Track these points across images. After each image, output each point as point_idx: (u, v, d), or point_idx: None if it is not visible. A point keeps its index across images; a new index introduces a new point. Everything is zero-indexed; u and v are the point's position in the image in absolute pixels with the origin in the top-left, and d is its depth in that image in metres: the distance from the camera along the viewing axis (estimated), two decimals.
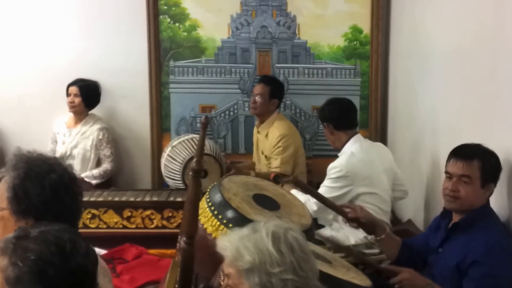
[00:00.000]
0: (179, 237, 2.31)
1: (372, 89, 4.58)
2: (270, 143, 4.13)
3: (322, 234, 3.26)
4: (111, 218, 3.63)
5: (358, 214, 2.65)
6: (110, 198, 3.73)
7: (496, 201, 2.45)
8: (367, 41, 4.58)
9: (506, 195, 2.46)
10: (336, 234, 3.26)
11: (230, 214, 2.17)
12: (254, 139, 4.38)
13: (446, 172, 2.44)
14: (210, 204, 2.24)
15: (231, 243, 1.59)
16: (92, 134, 4.38)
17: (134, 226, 3.64)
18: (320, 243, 3.09)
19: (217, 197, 2.24)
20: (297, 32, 4.62)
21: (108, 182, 4.44)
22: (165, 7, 4.56)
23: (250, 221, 1.98)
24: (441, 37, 3.33)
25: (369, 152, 3.37)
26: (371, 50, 4.56)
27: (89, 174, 4.32)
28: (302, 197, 3.13)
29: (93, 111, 4.49)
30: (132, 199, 3.72)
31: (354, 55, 4.62)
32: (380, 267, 2.45)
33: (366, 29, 4.56)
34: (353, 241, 3.20)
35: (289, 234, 1.59)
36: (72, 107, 4.37)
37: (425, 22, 3.65)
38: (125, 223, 3.64)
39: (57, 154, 4.29)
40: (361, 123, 4.30)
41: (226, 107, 4.67)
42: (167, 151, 4.20)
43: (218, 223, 2.18)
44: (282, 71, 4.64)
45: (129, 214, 3.63)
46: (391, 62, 4.53)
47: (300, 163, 4.20)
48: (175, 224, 3.58)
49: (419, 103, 3.75)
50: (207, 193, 2.33)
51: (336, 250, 2.83)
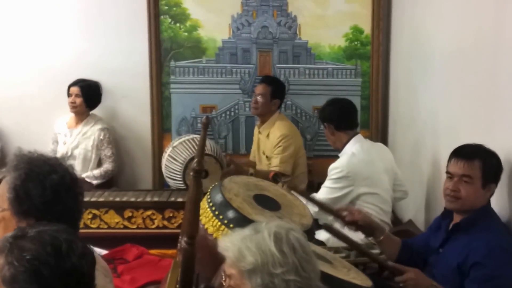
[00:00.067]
0: (180, 237, 2.30)
1: (373, 90, 4.58)
2: (271, 143, 4.13)
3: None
4: (112, 218, 3.63)
5: (355, 217, 2.64)
6: (111, 199, 3.72)
7: (497, 202, 2.45)
8: (368, 42, 4.57)
9: (507, 195, 2.46)
10: None
11: (231, 214, 2.17)
12: (255, 139, 4.38)
13: (447, 172, 2.44)
14: (211, 204, 2.24)
15: (233, 243, 1.59)
16: (93, 135, 4.38)
17: (135, 227, 3.64)
18: (320, 243, 3.09)
19: (218, 198, 2.24)
20: (298, 33, 4.61)
21: (109, 182, 4.44)
22: (166, 7, 4.55)
23: (251, 221, 1.98)
24: (442, 37, 3.33)
25: (369, 153, 3.37)
26: (372, 51, 4.55)
27: (90, 174, 4.32)
28: (303, 198, 3.13)
29: (94, 112, 4.49)
30: (133, 199, 3.72)
31: (355, 55, 4.61)
32: (387, 264, 2.44)
33: (367, 29, 4.56)
34: None
35: (291, 235, 1.59)
36: (74, 107, 4.37)
37: (425, 22, 3.65)
38: (126, 223, 3.64)
39: (58, 155, 4.29)
40: (361, 123, 4.30)
41: (227, 107, 4.67)
42: (168, 151, 4.20)
43: (219, 223, 2.18)
44: (283, 71, 4.64)
45: (130, 214, 3.64)
46: (392, 63, 4.52)
47: (301, 163, 4.20)
48: (176, 225, 3.58)
49: (419, 103, 3.75)
50: (208, 193, 2.33)
51: (350, 246, 2.76)
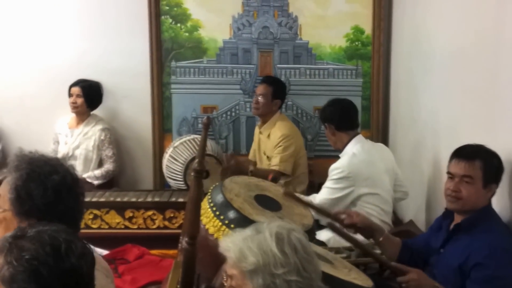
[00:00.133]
0: (181, 237, 2.30)
1: (374, 90, 4.58)
2: (272, 143, 4.13)
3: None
4: (113, 218, 3.63)
5: (354, 219, 2.62)
6: (112, 199, 3.72)
7: (498, 202, 2.45)
8: (368, 42, 4.57)
9: (507, 196, 2.46)
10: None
11: (231, 214, 2.18)
12: (256, 139, 4.38)
13: (448, 173, 2.44)
14: (212, 204, 2.25)
15: (234, 244, 1.59)
16: (94, 135, 4.38)
17: (136, 227, 3.64)
18: (321, 243, 3.09)
19: (219, 198, 2.24)
20: (298, 33, 4.61)
21: (110, 182, 4.44)
22: (167, 8, 4.55)
23: (252, 221, 1.98)
24: (442, 37, 3.33)
25: (370, 153, 3.37)
26: (372, 51, 4.55)
27: (91, 175, 4.32)
28: (304, 198, 3.13)
29: (95, 112, 4.49)
30: (134, 199, 3.72)
31: (355, 55, 4.61)
32: (390, 264, 2.44)
33: (368, 29, 4.56)
34: None
35: (292, 235, 1.59)
36: (75, 107, 4.37)
37: (426, 22, 3.65)
38: (127, 223, 3.64)
39: (59, 155, 4.29)
40: (362, 123, 4.30)
41: (227, 107, 4.67)
42: (168, 151, 4.20)
43: (220, 223, 2.18)
44: (284, 71, 4.64)
45: (131, 214, 3.64)
46: (393, 63, 4.52)
47: (301, 163, 4.20)
48: (176, 225, 3.58)
49: (420, 103, 3.75)
50: (209, 193, 2.33)
51: (354, 245, 2.76)
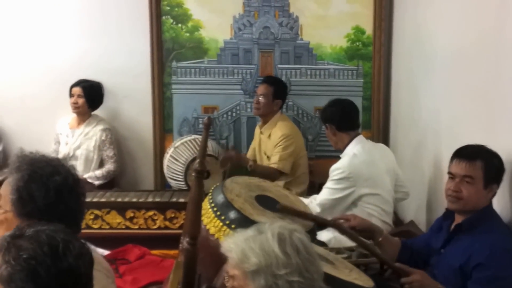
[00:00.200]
0: (182, 238, 2.30)
1: (375, 90, 4.57)
2: (272, 143, 4.13)
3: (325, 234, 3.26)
4: (114, 218, 3.63)
5: (352, 223, 2.63)
6: (112, 199, 3.72)
7: (499, 202, 2.45)
8: (369, 42, 4.57)
9: (508, 196, 2.46)
10: (338, 235, 3.25)
11: (232, 215, 2.18)
12: (256, 139, 4.38)
13: (449, 173, 2.44)
14: (212, 205, 2.24)
15: (236, 244, 1.59)
16: (95, 135, 4.38)
17: (136, 227, 3.64)
18: (322, 244, 3.09)
19: (220, 198, 2.24)
20: (299, 33, 4.61)
21: (111, 182, 4.44)
22: (168, 8, 4.55)
23: (253, 222, 1.98)
24: (443, 38, 3.33)
25: (371, 153, 3.37)
26: (373, 51, 4.55)
27: (92, 175, 4.32)
28: (306, 199, 3.15)
29: (95, 112, 4.49)
30: (134, 200, 3.72)
31: (356, 56, 4.61)
32: (393, 265, 2.44)
33: (369, 30, 4.56)
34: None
35: (294, 236, 1.59)
36: (76, 108, 4.36)
37: (427, 23, 3.65)
38: (127, 223, 3.64)
39: (60, 155, 4.29)
40: (363, 124, 4.30)
41: (228, 108, 4.67)
42: (169, 152, 4.21)
43: (221, 224, 2.18)
44: (285, 72, 4.64)
45: (131, 214, 3.64)
46: (394, 63, 4.52)
47: (302, 164, 4.20)
48: (177, 225, 3.58)
49: (421, 104, 3.74)
50: (210, 194, 2.33)
51: (359, 244, 2.76)
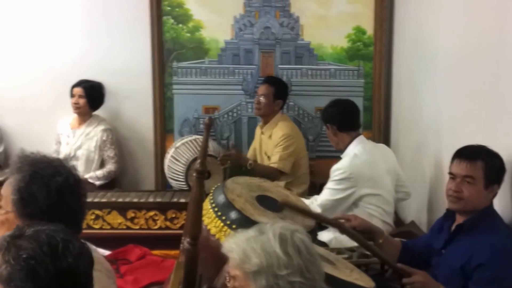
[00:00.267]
0: (183, 238, 2.31)
1: (376, 90, 4.57)
2: (273, 143, 4.13)
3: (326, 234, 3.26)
4: (115, 219, 3.63)
5: (353, 223, 2.62)
6: (113, 199, 3.72)
7: (499, 203, 2.45)
8: (370, 42, 4.57)
9: (509, 196, 2.46)
10: (339, 235, 3.26)
11: (233, 215, 2.18)
12: (257, 140, 4.38)
13: (449, 173, 2.44)
14: (213, 205, 2.25)
15: (237, 245, 1.58)
16: (96, 135, 4.38)
17: (137, 227, 3.64)
18: (323, 244, 3.09)
19: (221, 198, 2.24)
20: (300, 33, 4.61)
21: (112, 183, 4.44)
22: (169, 8, 4.55)
23: (254, 222, 1.98)
24: (444, 38, 3.33)
25: (372, 154, 3.37)
26: (374, 51, 4.55)
27: (93, 175, 4.32)
28: (307, 200, 3.15)
29: (96, 112, 4.49)
30: (135, 200, 3.72)
31: (357, 56, 4.61)
32: (395, 266, 2.44)
33: (370, 30, 4.56)
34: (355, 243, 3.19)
35: (295, 236, 1.59)
36: (77, 108, 4.37)
37: (428, 23, 3.65)
38: (128, 224, 3.64)
39: (61, 155, 4.29)
40: (364, 124, 4.30)
41: (229, 108, 4.67)
42: (170, 152, 4.21)
43: (222, 224, 2.18)
44: (285, 72, 4.64)
45: (132, 215, 3.64)
46: (395, 63, 4.52)
47: (303, 164, 4.20)
48: (178, 225, 3.58)
49: (422, 104, 3.74)
50: (211, 194, 2.33)
51: (361, 244, 2.75)
